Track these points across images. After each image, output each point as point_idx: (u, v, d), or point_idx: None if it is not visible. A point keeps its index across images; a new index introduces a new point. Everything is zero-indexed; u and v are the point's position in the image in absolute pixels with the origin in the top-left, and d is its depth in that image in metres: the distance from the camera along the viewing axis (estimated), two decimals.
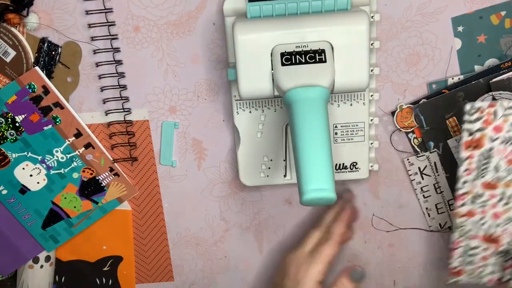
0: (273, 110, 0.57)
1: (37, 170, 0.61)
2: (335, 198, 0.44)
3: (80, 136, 0.59)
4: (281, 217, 0.64)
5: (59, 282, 0.67)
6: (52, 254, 0.66)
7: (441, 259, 0.64)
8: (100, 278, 0.67)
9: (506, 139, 0.52)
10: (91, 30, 0.57)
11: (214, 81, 0.59)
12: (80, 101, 0.59)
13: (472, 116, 0.52)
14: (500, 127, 0.51)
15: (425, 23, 0.56)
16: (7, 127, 0.59)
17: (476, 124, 0.52)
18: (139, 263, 0.67)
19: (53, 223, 0.63)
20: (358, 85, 0.50)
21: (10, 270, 0.66)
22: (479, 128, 0.52)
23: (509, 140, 0.52)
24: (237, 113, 0.57)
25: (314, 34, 0.48)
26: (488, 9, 0.55)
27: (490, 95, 0.55)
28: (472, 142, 0.53)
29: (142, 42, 0.57)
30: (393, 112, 0.58)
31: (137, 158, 0.61)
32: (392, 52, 0.57)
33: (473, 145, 0.53)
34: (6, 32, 0.56)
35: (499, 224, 0.55)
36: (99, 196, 0.62)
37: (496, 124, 0.52)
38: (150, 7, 0.56)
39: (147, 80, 0.59)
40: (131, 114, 0.60)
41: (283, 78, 0.48)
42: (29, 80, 0.57)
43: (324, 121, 0.46)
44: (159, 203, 0.64)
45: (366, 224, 0.63)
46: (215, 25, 0.56)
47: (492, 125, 0.52)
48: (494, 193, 0.54)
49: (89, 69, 0.58)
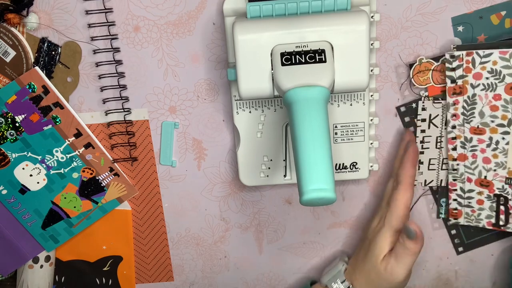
0: (273, 110, 0.57)
1: (37, 170, 0.61)
2: (335, 198, 0.44)
3: (80, 136, 0.59)
4: (281, 217, 0.64)
5: (59, 282, 0.67)
6: (52, 254, 0.66)
7: (441, 258, 0.64)
8: (100, 278, 0.67)
9: (486, 86, 0.54)
10: (91, 30, 0.57)
11: (214, 81, 0.59)
12: (80, 101, 0.59)
13: (452, 64, 0.54)
14: (480, 75, 0.53)
15: (425, 23, 0.56)
16: (7, 127, 0.59)
17: (458, 71, 0.54)
18: (139, 263, 0.67)
19: (53, 223, 0.63)
20: (358, 85, 0.50)
21: (10, 270, 0.66)
22: (460, 75, 0.54)
23: (490, 87, 0.54)
24: (237, 113, 0.57)
25: (314, 34, 0.48)
26: (488, 9, 0.55)
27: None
28: (456, 89, 0.55)
29: (142, 42, 0.57)
30: (411, 65, 0.57)
31: (137, 158, 0.62)
32: (392, 52, 0.57)
33: (457, 91, 0.55)
34: (6, 32, 0.56)
35: (490, 169, 0.57)
36: (99, 196, 0.62)
37: (476, 72, 0.53)
38: (150, 7, 0.56)
39: (147, 80, 0.59)
40: (131, 114, 0.60)
41: (283, 78, 0.48)
42: (29, 80, 0.57)
43: (324, 121, 0.46)
44: (159, 203, 0.64)
45: (366, 224, 0.63)
46: (215, 25, 0.56)
47: (472, 72, 0.53)
48: (482, 138, 0.56)
49: (89, 69, 0.58)
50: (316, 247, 0.65)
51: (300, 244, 0.65)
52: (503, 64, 0.53)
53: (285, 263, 0.66)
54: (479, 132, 0.56)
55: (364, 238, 0.60)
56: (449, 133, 0.57)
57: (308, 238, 0.65)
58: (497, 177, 0.57)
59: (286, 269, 0.67)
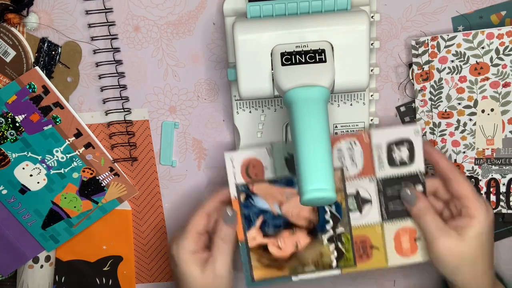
0: (273, 110, 0.57)
1: (37, 170, 0.61)
2: (335, 198, 0.44)
3: (80, 136, 0.59)
4: None
5: (59, 282, 0.67)
6: (52, 254, 0.66)
7: None
8: (100, 278, 0.67)
9: (452, 70, 0.55)
10: (91, 30, 0.57)
11: (214, 81, 0.59)
12: (80, 101, 0.60)
13: (418, 50, 0.55)
14: (445, 58, 0.54)
15: (425, 23, 0.56)
16: (7, 127, 0.59)
17: (423, 57, 0.55)
18: (139, 263, 0.67)
19: (53, 223, 0.63)
20: (358, 85, 0.50)
21: (10, 270, 0.66)
22: (426, 61, 0.55)
23: (455, 70, 0.55)
24: (237, 113, 0.57)
25: (314, 34, 0.48)
26: (488, 9, 0.55)
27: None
28: (423, 74, 0.55)
29: (142, 42, 0.57)
30: (411, 65, 0.57)
31: (137, 158, 0.62)
32: (392, 52, 0.57)
33: (424, 77, 0.56)
34: (6, 32, 0.56)
35: (460, 152, 0.58)
36: (99, 196, 0.62)
37: (441, 56, 0.54)
38: (150, 7, 0.56)
39: (147, 80, 0.59)
40: (131, 114, 0.60)
41: (283, 78, 0.48)
42: (29, 80, 0.57)
43: (324, 121, 0.46)
44: (159, 203, 0.64)
45: None
46: (215, 25, 0.56)
47: (438, 57, 0.55)
48: (450, 122, 0.57)
49: (89, 69, 0.58)
50: None
51: None
52: (467, 46, 0.54)
53: None
54: (446, 116, 0.57)
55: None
56: (418, 120, 0.58)
57: None
58: (466, 159, 0.58)
59: None
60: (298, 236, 0.57)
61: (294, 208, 0.57)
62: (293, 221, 0.57)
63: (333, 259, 0.58)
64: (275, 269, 0.58)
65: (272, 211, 0.57)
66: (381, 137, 0.55)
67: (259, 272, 0.58)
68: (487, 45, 0.54)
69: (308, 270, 0.58)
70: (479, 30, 0.53)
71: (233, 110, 0.57)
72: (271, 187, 0.56)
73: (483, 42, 0.54)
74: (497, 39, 0.53)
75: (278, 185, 0.56)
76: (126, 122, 0.60)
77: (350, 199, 0.56)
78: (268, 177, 0.56)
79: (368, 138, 0.54)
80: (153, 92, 0.59)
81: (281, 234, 0.57)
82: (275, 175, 0.56)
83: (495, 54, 0.54)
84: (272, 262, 0.58)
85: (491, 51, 0.54)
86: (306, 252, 0.57)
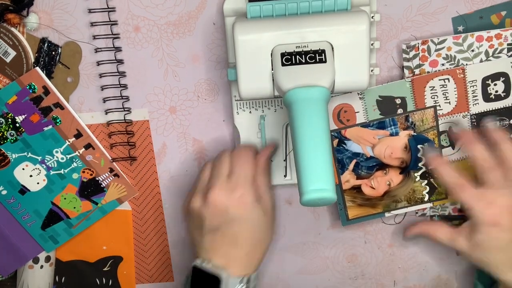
0: (273, 110, 0.57)
1: (37, 171, 0.61)
2: (335, 198, 0.44)
3: (80, 137, 0.59)
4: (281, 217, 0.64)
5: (59, 282, 0.67)
6: (52, 254, 0.66)
7: (441, 259, 0.64)
8: (100, 278, 0.67)
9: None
10: (92, 29, 0.57)
11: (214, 81, 0.59)
12: (80, 101, 0.59)
13: (409, 54, 0.55)
14: (436, 62, 0.55)
15: (425, 23, 0.56)
16: (7, 128, 0.59)
17: (414, 61, 0.55)
18: (139, 263, 0.67)
19: (53, 223, 0.63)
20: (358, 85, 0.50)
21: (10, 270, 0.66)
22: (417, 65, 0.55)
23: None
24: (237, 113, 0.57)
25: (314, 34, 0.48)
26: (488, 9, 0.55)
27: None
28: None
29: (142, 42, 0.57)
30: None
31: (136, 158, 0.61)
32: (392, 52, 0.57)
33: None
34: (6, 32, 0.56)
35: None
36: (98, 196, 0.62)
37: (432, 59, 0.55)
38: (150, 7, 0.56)
39: (147, 80, 0.59)
40: (131, 113, 0.60)
41: (283, 78, 0.48)
42: (29, 80, 0.57)
43: (324, 121, 0.46)
44: (159, 203, 0.64)
45: (366, 224, 0.63)
46: (215, 25, 0.56)
47: (428, 60, 0.55)
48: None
49: (89, 69, 0.58)
50: (316, 247, 0.65)
51: (300, 244, 0.65)
52: (457, 49, 0.55)
53: (285, 263, 0.66)
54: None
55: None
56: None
57: (308, 238, 0.65)
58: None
59: (286, 269, 0.67)
60: (391, 175, 0.58)
61: (387, 149, 0.58)
62: (385, 161, 0.58)
63: (425, 194, 0.59)
64: (369, 207, 0.60)
65: (365, 154, 0.58)
66: (477, 72, 0.55)
67: (354, 211, 0.60)
68: (477, 47, 0.54)
69: (400, 206, 0.59)
70: (469, 33, 0.54)
71: (233, 110, 0.57)
72: (363, 130, 0.57)
73: (473, 45, 0.54)
74: (487, 42, 0.54)
75: (370, 128, 0.57)
76: (125, 121, 0.60)
77: (442, 135, 0.57)
78: (360, 121, 0.57)
79: (462, 74, 0.54)
80: (153, 92, 0.59)
81: (374, 174, 0.58)
82: (366, 119, 0.56)
83: (484, 57, 0.54)
84: (365, 201, 0.60)
85: (481, 54, 0.54)
86: (398, 189, 0.59)
